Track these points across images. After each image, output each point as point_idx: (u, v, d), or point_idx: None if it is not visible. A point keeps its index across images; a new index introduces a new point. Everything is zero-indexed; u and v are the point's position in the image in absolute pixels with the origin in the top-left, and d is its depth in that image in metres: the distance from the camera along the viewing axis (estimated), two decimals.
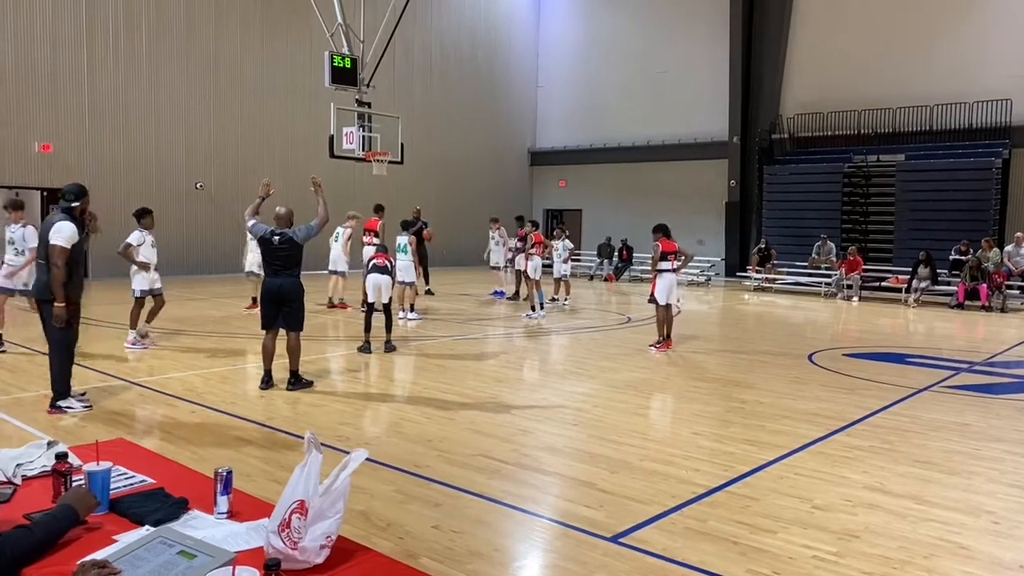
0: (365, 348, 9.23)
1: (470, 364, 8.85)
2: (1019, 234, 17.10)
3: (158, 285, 9.45)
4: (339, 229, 13.99)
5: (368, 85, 15.79)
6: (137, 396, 6.93)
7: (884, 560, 3.79)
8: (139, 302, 9.30)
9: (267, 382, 7.21)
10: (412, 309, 12.40)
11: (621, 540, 3.99)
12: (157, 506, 2.36)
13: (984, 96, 19.29)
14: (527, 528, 4.16)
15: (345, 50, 15.59)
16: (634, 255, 22.96)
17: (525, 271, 14.23)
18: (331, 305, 13.70)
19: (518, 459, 5.32)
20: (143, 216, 9.49)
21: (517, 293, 15.81)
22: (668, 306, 9.95)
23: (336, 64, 15.12)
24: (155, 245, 9.52)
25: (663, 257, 9.87)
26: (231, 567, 1.71)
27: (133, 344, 9.23)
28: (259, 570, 1.77)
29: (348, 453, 5.43)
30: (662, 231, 10.01)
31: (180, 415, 6.29)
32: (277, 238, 7.04)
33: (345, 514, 2.18)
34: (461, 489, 4.67)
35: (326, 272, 14.09)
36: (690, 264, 22.09)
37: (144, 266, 9.28)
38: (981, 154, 18.90)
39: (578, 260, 24.68)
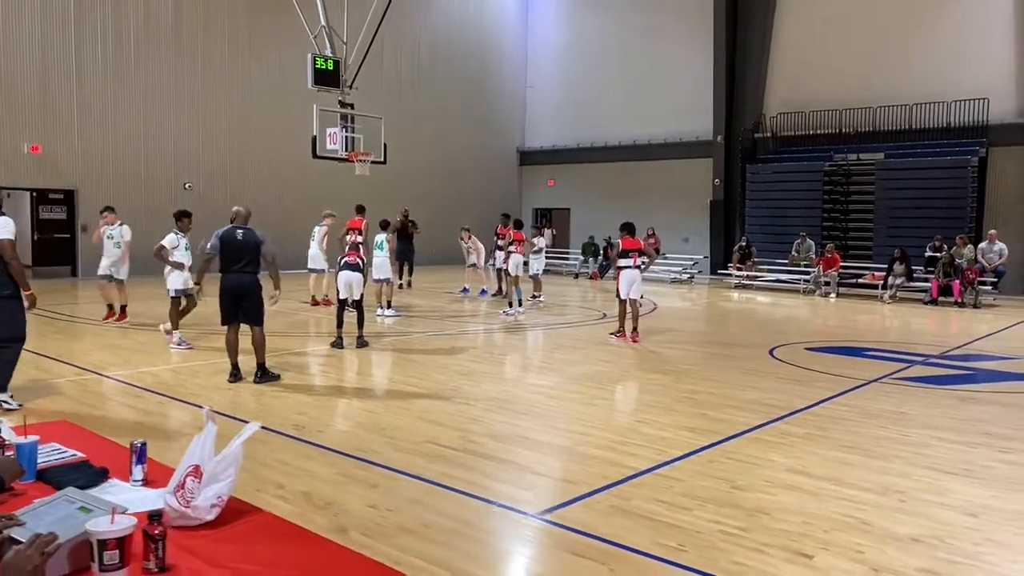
0: (337, 343, 9.49)
1: (438, 359, 9.11)
2: (992, 231, 17.38)
3: (190, 284, 9.34)
4: (316, 228, 14.24)
5: (351, 86, 16.05)
6: (108, 389, 7.19)
7: (785, 533, 4.05)
8: (175, 301, 9.34)
9: (235, 375, 7.45)
10: (389, 306, 12.67)
11: (544, 516, 4.26)
12: (79, 475, 2.62)
13: (962, 95, 19.56)
14: (458, 506, 4.41)
15: (328, 52, 15.84)
16: None
17: (506, 268, 14.46)
18: (315, 303, 13.97)
19: (463, 445, 5.58)
20: (180, 218, 9.49)
21: (500, 290, 16.05)
22: (633, 301, 10.27)
23: (319, 66, 15.38)
24: (189, 247, 9.58)
25: (623, 254, 10.18)
26: (111, 513, 1.97)
27: (179, 344, 9.22)
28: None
29: (301, 440, 5.70)
30: (626, 229, 10.33)
31: (147, 406, 6.55)
32: (240, 232, 7.25)
33: (237, 479, 2.44)
34: (402, 472, 4.94)
35: (305, 271, 14.37)
36: (675, 262, 22.51)
37: (178, 266, 9.29)
38: (958, 152, 19.18)
39: (566, 259, 25.04)
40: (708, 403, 7.03)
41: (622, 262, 10.29)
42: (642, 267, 10.41)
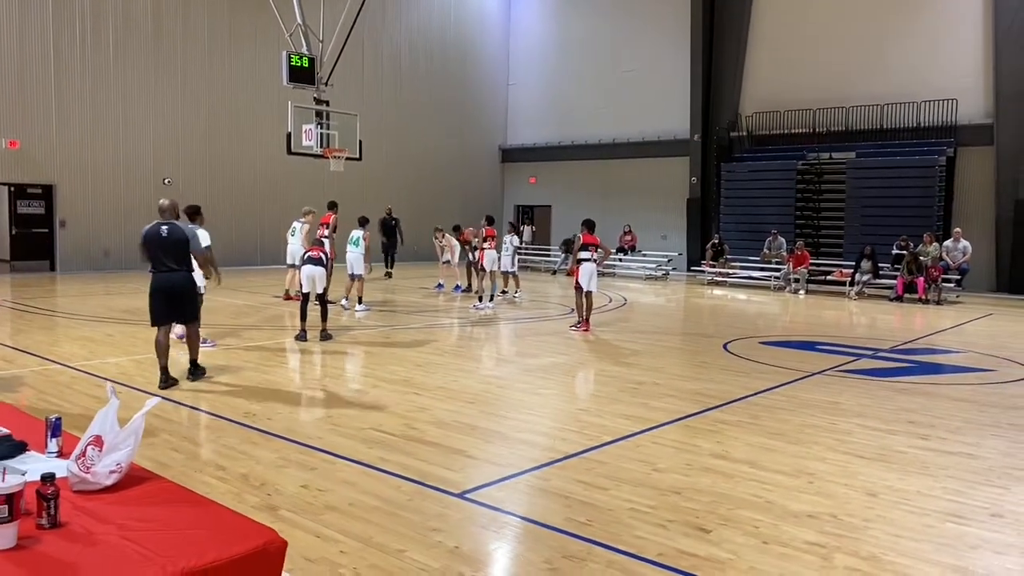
0: (301, 336, 9.69)
1: (398, 351, 9.34)
2: (957, 229, 17.75)
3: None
4: (296, 224, 14.42)
5: (326, 83, 16.23)
6: (69, 379, 7.38)
7: (691, 511, 4.31)
8: (200, 298, 8.98)
9: (165, 380, 7.00)
10: (360, 301, 12.89)
11: (466, 496, 4.50)
12: (0, 448, 2.85)
13: (932, 96, 19.90)
14: (386, 486, 4.64)
15: (304, 49, 16.02)
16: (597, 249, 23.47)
17: (481, 264, 14.68)
18: (287, 297, 14.17)
19: (405, 431, 5.81)
20: (198, 213, 8.77)
21: (470, 286, 16.28)
22: (589, 293, 10.64)
23: (294, 63, 15.56)
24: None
25: (583, 247, 10.53)
26: (1, 473, 2.19)
27: (203, 343, 8.77)
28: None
29: (249, 427, 5.94)
30: (586, 225, 10.69)
31: (103, 394, 6.70)
32: (165, 228, 6.85)
33: (137, 448, 2.66)
34: (340, 456, 5.17)
35: (284, 266, 14.57)
36: (652, 258, 22.80)
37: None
38: (927, 152, 19.52)
39: (547, 255, 25.28)
40: (651, 393, 7.29)
41: (582, 255, 10.67)
42: (597, 260, 10.84)
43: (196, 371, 7.39)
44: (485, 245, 14.51)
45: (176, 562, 2.05)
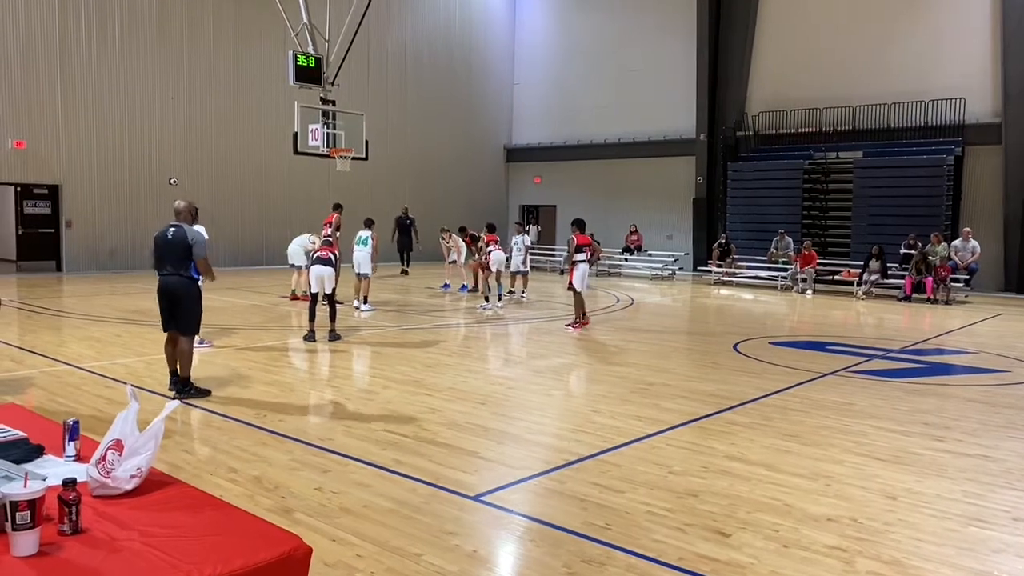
0: (309, 336, 9.66)
1: (406, 351, 9.30)
2: (966, 229, 17.66)
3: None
4: (316, 238, 14.29)
5: (333, 83, 16.20)
6: (79, 379, 7.36)
7: (709, 515, 4.27)
8: None
9: (174, 384, 6.82)
10: (366, 300, 12.87)
11: (482, 498, 4.46)
12: (17, 451, 2.81)
13: (939, 95, 19.81)
14: (401, 489, 4.61)
15: (310, 49, 15.99)
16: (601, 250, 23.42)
17: (487, 265, 14.62)
18: (294, 297, 14.18)
19: (418, 433, 5.78)
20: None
21: (477, 286, 16.25)
22: (579, 291, 10.73)
23: (300, 63, 15.51)
24: None
25: (578, 249, 10.50)
26: (23, 478, 2.16)
27: (199, 343, 8.55)
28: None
29: (260, 428, 5.91)
30: (577, 225, 10.66)
31: (114, 395, 6.72)
32: (172, 231, 6.63)
33: (157, 452, 2.62)
34: (353, 458, 5.13)
35: (287, 266, 14.59)
36: (658, 258, 22.77)
37: None
38: (935, 151, 19.42)
39: (551, 255, 25.24)
40: (662, 394, 7.25)
41: (578, 256, 10.64)
42: (591, 261, 10.90)
43: (186, 390, 6.67)
44: (490, 248, 14.44)
45: (201, 569, 2.01)
